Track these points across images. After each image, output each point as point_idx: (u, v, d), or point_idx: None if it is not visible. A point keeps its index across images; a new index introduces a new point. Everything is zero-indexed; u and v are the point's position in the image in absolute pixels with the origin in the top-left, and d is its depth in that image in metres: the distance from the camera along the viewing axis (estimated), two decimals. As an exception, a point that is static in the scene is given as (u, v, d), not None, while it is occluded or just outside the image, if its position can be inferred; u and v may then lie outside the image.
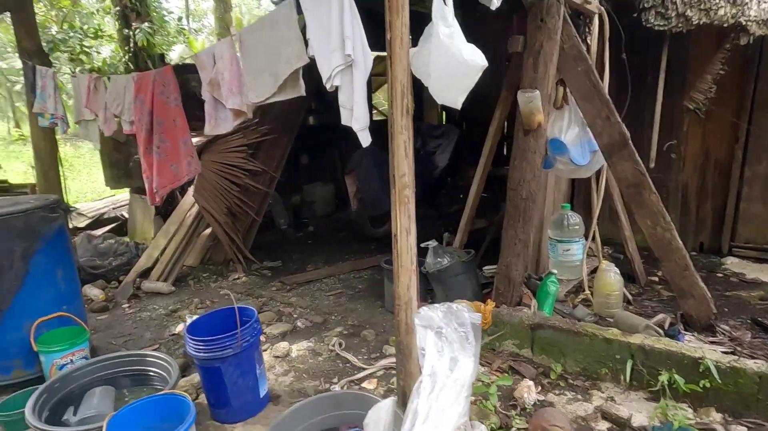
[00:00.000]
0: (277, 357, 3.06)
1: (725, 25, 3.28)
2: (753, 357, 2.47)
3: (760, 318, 3.09)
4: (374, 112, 9.13)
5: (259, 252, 5.01)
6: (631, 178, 2.81)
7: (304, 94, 2.36)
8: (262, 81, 2.42)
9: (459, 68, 1.92)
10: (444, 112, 8.84)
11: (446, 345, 1.93)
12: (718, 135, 4.17)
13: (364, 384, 2.73)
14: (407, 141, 1.99)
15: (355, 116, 2.09)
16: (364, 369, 2.86)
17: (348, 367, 2.92)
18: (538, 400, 2.45)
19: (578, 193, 4.26)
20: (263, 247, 5.27)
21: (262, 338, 3.29)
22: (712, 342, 2.82)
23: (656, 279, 3.83)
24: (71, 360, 2.81)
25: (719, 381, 2.22)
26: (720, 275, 3.91)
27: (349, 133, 2.22)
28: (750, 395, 2.20)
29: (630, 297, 3.48)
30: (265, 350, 3.12)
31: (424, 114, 8.34)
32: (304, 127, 5.60)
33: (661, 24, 3.42)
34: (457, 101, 2.01)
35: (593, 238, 3.47)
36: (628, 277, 3.79)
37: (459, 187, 6.30)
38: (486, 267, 3.68)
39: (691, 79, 3.95)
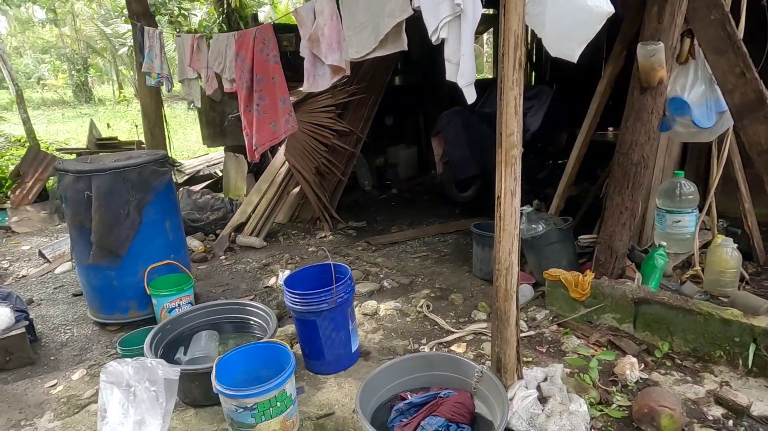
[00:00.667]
0: (365, 314, 3.12)
1: None
2: None
3: None
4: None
5: (344, 213, 5.10)
6: (765, 143, 2.49)
7: (406, 48, 2.28)
8: (364, 35, 2.36)
9: (580, 15, 1.75)
10: (534, 72, 8.37)
11: (133, 406, 1.78)
12: None
13: (452, 347, 2.72)
14: (518, 97, 1.86)
15: (461, 71, 1.99)
16: (452, 332, 2.84)
17: (436, 330, 2.91)
18: (641, 378, 2.31)
19: (691, 158, 3.86)
20: (348, 208, 5.35)
21: (351, 295, 3.36)
22: None
23: (779, 258, 3.44)
24: (179, 305, 3.03)
25: None
26: None
27: (436, 94, 2.13)
28: None
29: (747, 276, 3.16)
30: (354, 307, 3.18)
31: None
32: (389, 87, 5.53)
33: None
34: (574, 53, 1.85)
35: (708, 210, 3.15)
36: (745, 254, 3.43)
37: (549, 152, 5.98)
38: (582, 237, 3.48)
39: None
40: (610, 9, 1.71)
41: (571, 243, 3.20)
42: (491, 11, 7.25)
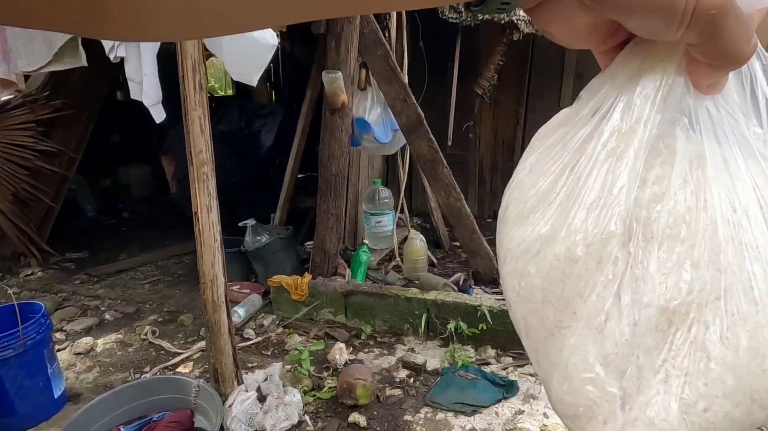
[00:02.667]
0: (78, 354, 2.81)
1: (502, 22, 3.82)
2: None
3: (531, 270, 3.73)
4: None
5: (61, 243, 4.45)
6: (427, 154, 3.15)
7: (86, 64, 2.16)
8: (35, 47, 2.15)
9: (251, 46, 1.95)
10: (273, 91, 8.74)
11: None
12: (505, 118, 4.86)
13: (179, 369, 2.67)
14: (202, 117, 1.96)
15: (145, 90, 2.00)
16: (179, 354, 2.78)
17: (162, 354, 2.81)
18: (349, 360, 2.67)
19: (391, 169, 4.61)
20: (67, 237, 4.69)
21: (61, 336, 2.98)
22: (494, 292, 3.35)
23: (458, 244, 4.36)
24: None
25: (491, 322, 2.66)
26: (507, 237, 4.60)
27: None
28: (514, 331, 2.67)
29: (435, 260, 3.92)
30: (64, 348, 2.84)
31: (252, 93, 8.16)
32: (112, 101, 5.07)
33: (454, 17, 3.85)
34: (252, 78, 2.05)
35: (402, 210, 3.81)
36: (435, 244, 4.27)
37: (286, 166, 6.32)
38: (307, 243, 3.81)
39: (480, 68, 4.52)
40: (275, 42, 1.96)
41: (293, 251, 3.47)
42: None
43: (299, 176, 6.44)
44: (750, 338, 0.31)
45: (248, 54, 1.97)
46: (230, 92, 9.18)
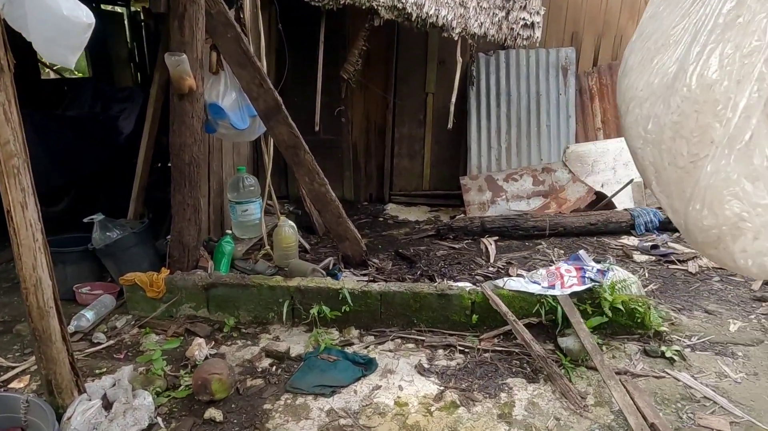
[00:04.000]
0: None
1: (363, 6, 3.85)
2: (387, 281, 3.11)
3: (401, 250, 3.88)
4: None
5: None
6: (288, 140, 3.12)
7: None
8: None
9: (61, 24, 1.76)
10: (139, 73, 8.06)
11: None
12: (375, 103, 4.95)
13: (13, 385, 2.40)
14: (7, 103, 1.75)
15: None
16: (13, 368, 2.50)
17: (-8, 370, 2.51)
18: (210, 354, 2.58)
19: (259, 155, 4.51)
20: None
21: None
22: (363, 274, 3.44)
23: (332, 228, 4.41)
24: None
25: (352, 304, 2.73)
26: (381, 219, 4.74)
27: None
28: (375, 311, 2.78)
29: (308, 246, 3.92)
30: None
31: (114, 74, 7.46)
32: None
33: (316, 0, 3.82)
34: (68, 60, 1.86)
35: (270, 197, 3.74)
36: (309, 229, 4.27)
37: (153, 156, 5.89)
38: (169, 237, 3.60)
39: (346, 53, 4.54)
40: (91, 20, 1.79)
41: (150, 245, 3.27)
42: None
43: (167, 165, 6.08)
44: None
45: (59, 34, 1.77)
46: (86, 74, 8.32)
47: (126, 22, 7.73)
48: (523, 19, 3.93)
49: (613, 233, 4.17)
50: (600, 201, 4.37)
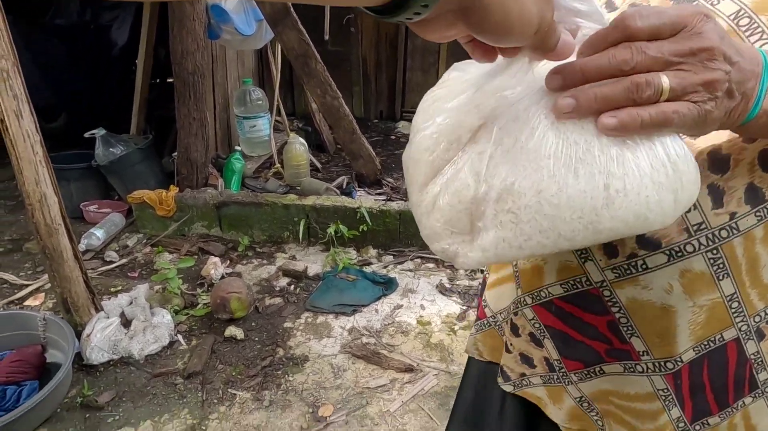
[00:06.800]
0: None
1: None
2: (404, 200, 3.00)
3: (415, 169, 3.73)
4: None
5: None
6: (297, 47, 2.86)
7: None
8: None
9: None
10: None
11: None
12: (387, 10, 4.57)
13: (27, 302, 2.37)
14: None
15: None
16: (27, 286, 2.46)
17: (6, 288, 2.47)
18: (226, 273, 2.53)
19: (266, 66, 4.23)
20: None
21: None
22: (378, 193, 3.32)
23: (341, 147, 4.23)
24: None
25: (370, 223, 2.63)
26: (393, 137, 4.54)
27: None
28: (394, 230, 2.69)
29: (319, 165, 3.77)
30: None
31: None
32: None
33: None
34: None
35: (279, 113, 3.54)
36: (319, 147, 4.09)
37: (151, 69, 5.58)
38: (175, 154, 3.45)
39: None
40: None
41: (156, 162, 3.12)
42: None
43: (168, 81, 5.76)
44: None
45: None
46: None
47: None
48: None
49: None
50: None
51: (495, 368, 0.77)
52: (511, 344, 0.72)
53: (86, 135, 2.89)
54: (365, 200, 2.81)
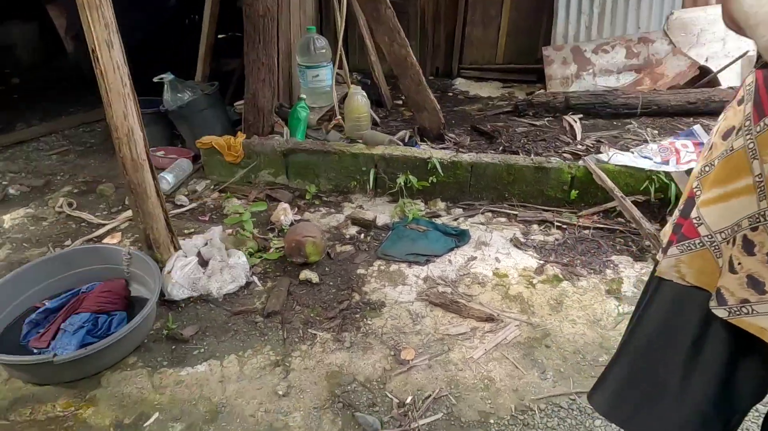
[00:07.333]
0: (-18, 231, 2.47)
1: None
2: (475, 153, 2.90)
3: (477, 125, 3.62)
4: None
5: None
6: (366, -9, 2.76)
7: None
8: None
9: None
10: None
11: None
12: (449, -42, 4.36)
13: (105, 240, 2.42)
14: None
15: None
16: (103, 225, 2.52)
17: (84, 227, 2.53)
18: (295, 220, 2.52)
19: (325, 16, 4.13)
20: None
21: (-43, 214, 2.60)
22: (441, 148, 3.22)
23: (400, 102, 4.12)
24: None
25: (442, 174, 2.56)
26: (450, 94, 4.41)
27: None
28: (464, 183, 2.61)
29: (378, 119, 3.69)
30: (-38, 226, 2.49)
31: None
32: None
33: None
34: None
35: (340, 65, 3.45)
36: (377, 102, 4.00)
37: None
38: (237, 103, 3.43)
39: None
40: None
41: (222, 110, 3.11)
42: None
43: (220, 36, 5.72)
44: None
45: None
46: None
47: None
48: None
49: (714, 114, 3.74)
50: (702, 77, 3.88)
51: (697, 293, 0.70)
52: (739, 263, 0.64)
53: (155, 79, 2.89)
54: (436, 151, 2.72)
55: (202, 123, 2.93)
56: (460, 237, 2.36)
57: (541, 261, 2.20)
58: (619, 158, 2.48)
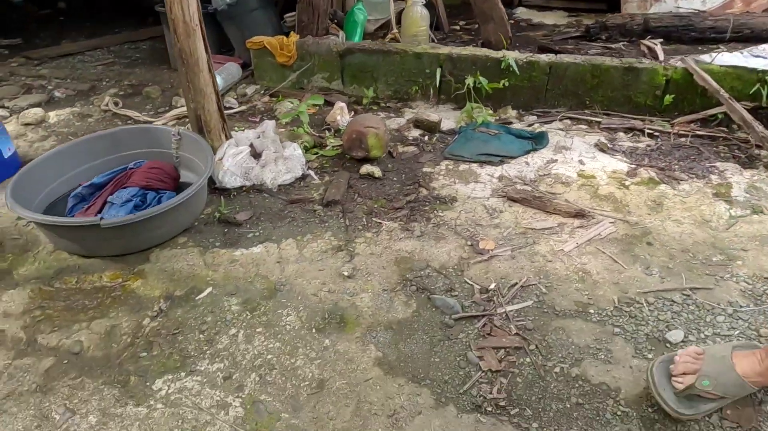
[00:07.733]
0: (27, 124, 2.37)
1: None
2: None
3: (546, 46, 3.30)
4: None
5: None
6: None
7: None
8: None
9: None
10: None
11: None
12: None
13: (152, 136, 2.28)
14: None
15: None
16: (151, 122, 2.37)
17: (130, 123, 2.39)
18: (352, 122, 2.31)
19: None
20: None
21: (3, 112, 2.51)
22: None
23: (458, 27, 3.83)
24: None
25: (518, 74, 2.29)
26: (512, 21, 4.07)
27: None
28: (540, 87, 2.34)
29: (435, 40, 3.42)
30: (7, 120, 2.39)
31: None
32: None
33: None
34: None
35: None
36: (434, 26, 3.72)
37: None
38: (287, 15, 3.21)
39: None
40: None
41: (273, 12, 2.91)
42: None
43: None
44: None
45: None
46: None
47: None
48: None
49: (816, 39, 3.30)
50: (806, -3, 3.42)
51: None
52: None
53: (204, -25, 2.69)
54: (506, 52, 2.44)
55: (252, 24, 2.73)
56: (538, 140, 2.10)
57: (633, 165, 1.94)
58: (725, 58, 2.15)
